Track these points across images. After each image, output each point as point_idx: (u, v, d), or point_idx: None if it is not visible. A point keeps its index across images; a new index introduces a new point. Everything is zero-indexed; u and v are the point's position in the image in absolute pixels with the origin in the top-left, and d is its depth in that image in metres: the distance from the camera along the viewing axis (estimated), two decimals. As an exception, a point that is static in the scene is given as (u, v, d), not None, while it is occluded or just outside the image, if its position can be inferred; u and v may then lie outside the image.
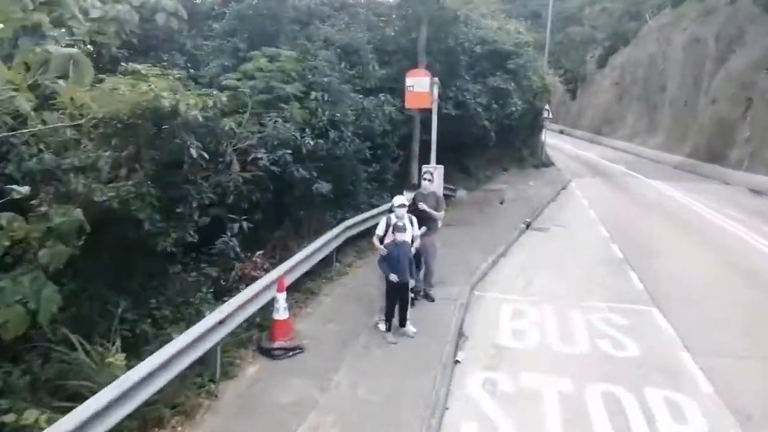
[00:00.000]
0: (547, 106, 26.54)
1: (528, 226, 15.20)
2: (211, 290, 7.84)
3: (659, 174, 26.10)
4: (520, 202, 18.40)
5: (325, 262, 10.19)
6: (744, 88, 24.37)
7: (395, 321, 7.72)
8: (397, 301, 7.60)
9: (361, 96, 11.39)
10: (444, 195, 17.47)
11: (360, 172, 12.17)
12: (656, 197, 20.38)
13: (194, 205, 6.81)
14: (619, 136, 40.39)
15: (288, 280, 8.17)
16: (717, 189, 22.27)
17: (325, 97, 9.87)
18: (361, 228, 11.53)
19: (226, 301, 7.51)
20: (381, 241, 7.77)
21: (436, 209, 8.88)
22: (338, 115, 9.96)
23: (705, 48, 29.76)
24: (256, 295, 6.90)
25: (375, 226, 8.15)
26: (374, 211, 12.33)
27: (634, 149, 35.95)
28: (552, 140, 31.29)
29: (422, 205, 8.70)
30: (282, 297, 6.98)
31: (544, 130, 27.91)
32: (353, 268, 10.61)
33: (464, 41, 15.32)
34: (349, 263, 10.86)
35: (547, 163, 27.86)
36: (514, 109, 16.77)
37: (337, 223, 11.09)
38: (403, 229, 7.51)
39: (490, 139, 17.01)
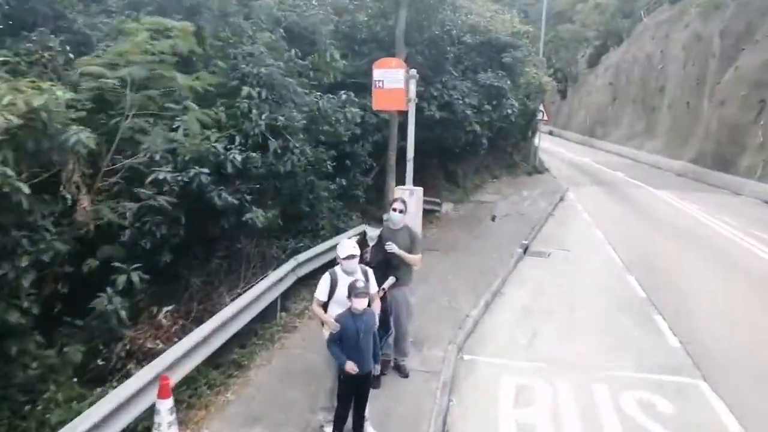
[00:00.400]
0: (541, 107, 24.24)
1: (525, 250, 12.83)
2: (75, 379, 5.32)
3: (663, 182, 23.95)
4: (514, 217, 16.03)
5: (268, 311, 7.72)
6: (756, 89, 22.27)
7: (348, 424, 5.26)
8: (353, 397, 5.14)
9: (319, 94, 8.89)
10: (427, 210, 15.06)
11: (320, 189, 9.68)
12: (666, 211, 18.15)
13: (24, 263, 4.26)
14: (613, 139, 38.33)
15: (198, 359, 5.67)
16: (730, 201, 20.14)
17: (263, 95, 7.35)
18: (320, 263, 9.06)
19: (104, 390, 5.10)
20: (325, 308, 5.27)
21: (410, 250, 6.41)
22: (282, 118, 7.44)
23: (709, 46, 27.71)
24: (122, 407, 4.37)
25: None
26: (339, 238, 9.88)
27: (631, 153, 33.86)
28: (543, 143, 28.99)
29: (392, 247, 6.22)
30: (165, 407, 4.46)
31: (538, 134, 25.61)
32: (304, 320, 8.11)
33: (451, 29, 12.83)
34: (299, 311, 8.36)
35: (541, 170, 25.57)
36: (509, 111, 14.32)
37: (287, 257, 8.61)
38: (363, 293, 5.01)
39: (482, 146, 14.61)
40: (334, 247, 9.35)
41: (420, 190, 7.11)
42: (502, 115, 14.27)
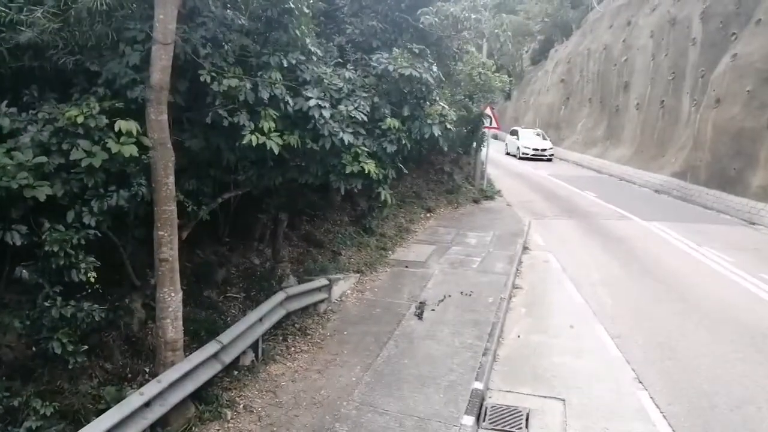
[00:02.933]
0: (488, 111, 17.91)
1: (480, 414, 6.16)
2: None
3: (647, 206, 18.15)
4: (456, 302, 9.42)
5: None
6: (765, 83, 16.80)
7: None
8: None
9: None
10: (288, 314, 8.20)
11: None
12: (687, 271, 12.04)
13: None
14: (568, 145, 32.82)
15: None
16: (753, 239, 14.43)
17: None
18: None
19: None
20: None
21: None
22: None
23: (686, 31, 22.35)
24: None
25: None
26: None
27: (593, 163, 28.33)
28: (489, 150, 22.54)
29: None
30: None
31: (484, 146, 19.27)
32: None
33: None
34: None
35: (490, 193, 19.25)
36: (437, 131, 7.34)
37: None
38: None
39: (384, 205, 7.79)
40: None
41: None
42: (422, 136, 7.42)
